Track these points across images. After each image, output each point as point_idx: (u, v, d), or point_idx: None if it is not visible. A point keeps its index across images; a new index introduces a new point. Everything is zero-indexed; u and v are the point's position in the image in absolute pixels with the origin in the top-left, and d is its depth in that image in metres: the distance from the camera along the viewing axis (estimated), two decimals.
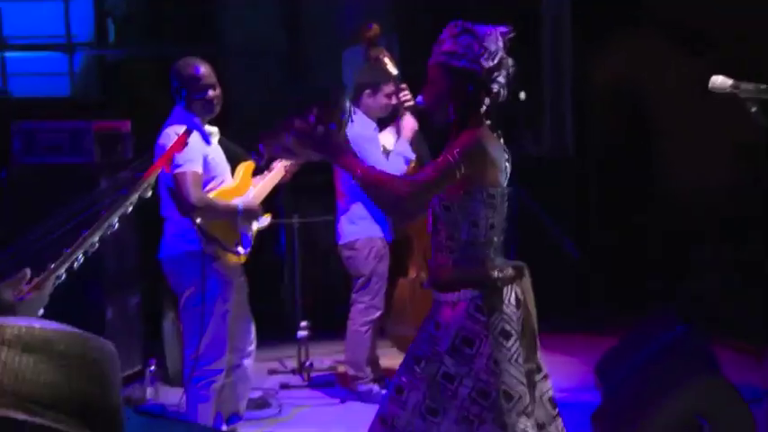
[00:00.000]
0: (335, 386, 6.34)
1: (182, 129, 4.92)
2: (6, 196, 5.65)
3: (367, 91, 5.85)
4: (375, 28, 5.97)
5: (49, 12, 9.60)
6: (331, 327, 6.72)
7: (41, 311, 2.57)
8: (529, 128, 8.05)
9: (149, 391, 6.07)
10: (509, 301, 3.37)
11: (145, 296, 6.28)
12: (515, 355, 3.33)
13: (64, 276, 2.57)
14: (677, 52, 7.49)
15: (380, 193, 3.39)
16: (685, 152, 7.30)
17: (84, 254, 2.63)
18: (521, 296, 3.40)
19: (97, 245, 2.64)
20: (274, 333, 6.89)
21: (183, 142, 3.61)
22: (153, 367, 6.10)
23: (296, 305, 6.82)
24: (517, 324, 3.35)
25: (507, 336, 3.33)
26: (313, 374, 6.54)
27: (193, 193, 4.75)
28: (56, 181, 5.73)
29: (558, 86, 8.16)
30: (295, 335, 6.55)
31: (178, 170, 4.77)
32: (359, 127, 5.57)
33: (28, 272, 2.57)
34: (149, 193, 2.85)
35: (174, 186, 4.81)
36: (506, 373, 3.31)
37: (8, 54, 9.40)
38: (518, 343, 3.34)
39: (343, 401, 6.00)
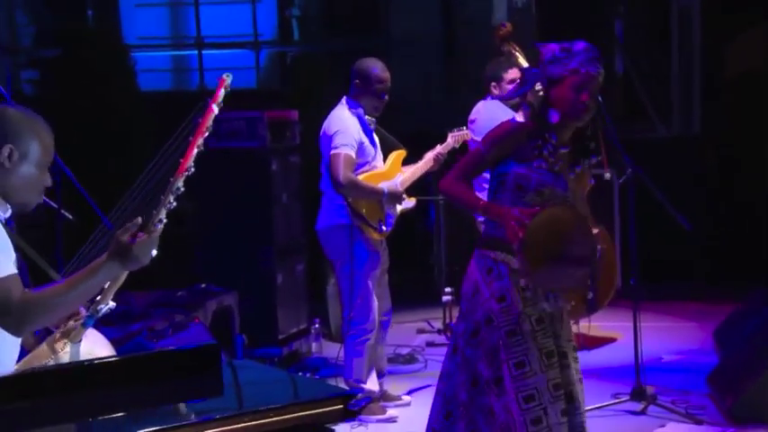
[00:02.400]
0: None
1: (344, 113, 5.06)
2: (195, 175, 5.84)
3: (492, 83, 5.80)
4: (508, 26, 5.90)
5: (239, 14, 9.89)
6: None
7: (154, 252, 2.71)
8: (658, 111, 7.84)
9: (314, 346, 6.23)
10: None
11: (310, 263, 6.40)
12: None
13: (165, 219, 2.72)
14: None
15: None
16: None
17: (175, 198, 2.78)
18: None
19: (182, 188, 2.78)
20: (423, 297, 6.95)
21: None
22: (317, 325, 6.25)
23: (442, 273, 6.85)
24: None
25: None
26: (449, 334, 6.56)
27: (343, 173, 4.85)
28: (234, 162, 5.91)
29: (688, 70, 7.91)
30: (441, 299, 6.58)
31: (334, 151, 4.89)
32: (500, 113, 5.57)
33: (140, 219, 2.72)
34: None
35: (327, 161, 4.92)
36: None
37: (205, 51, 9.72)
38: None
39: None
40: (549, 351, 3.38)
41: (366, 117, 5.09)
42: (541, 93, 3.80)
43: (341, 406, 1.87)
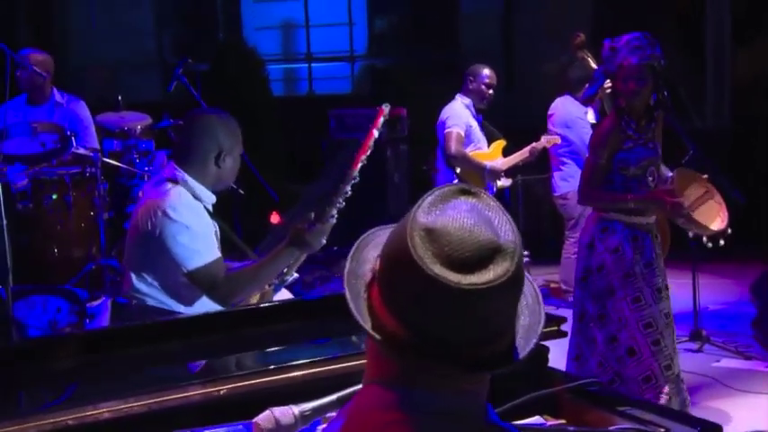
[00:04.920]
0: (550, 297, 6.34)
1: (456, 103, 5.10)
2: (325, 160, 5.93)
3: (566, 83, 5.80)
4: (582, 36, 5.88)
5: (339, 34, 9.93)
6: (544, 254, 6.69)
7: (324, 240, 2.73)
8: (694, 106, 7.71)
9: None
10: None
11: None
12: None
13: (335, 216, 2.79)
14: None
15: None
16: None
17: (344, 198, 2.87)
18: None
19: (349, 192, 2.83)
20: None
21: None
22: None
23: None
24: None
25: None
26: None
27: (454, 147, 4.93)
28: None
29: (720, 72, 7.78)
30: None
31: (447, 130, 4.99)
32: (574, 108, 5.60)
33: (312, 214, 2.83)
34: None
35: (442, 142, 4.99)
36: None
37: (314, 65, 9.81)
38: None
39: (557, 308, 5.98)
40: (659, 287, 3.44)
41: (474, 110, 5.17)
42: (609, 87, 3.84)
43: (556, 327, 1.88)
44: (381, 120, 2.88)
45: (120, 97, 4.97)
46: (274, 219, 6.07)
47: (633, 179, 3.46)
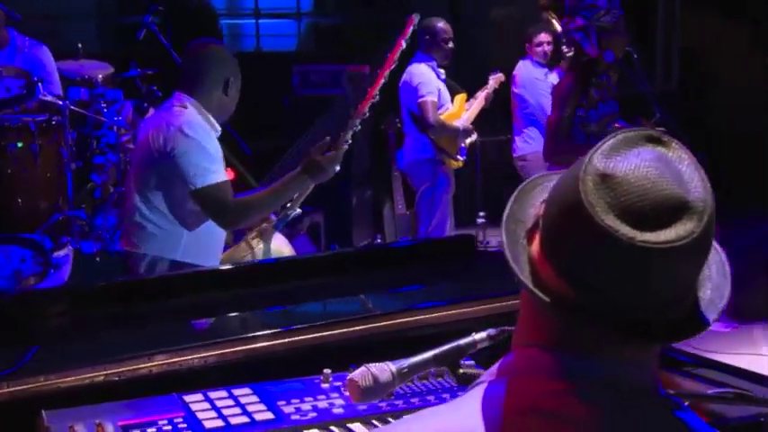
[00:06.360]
0: None
1: (422, 66, 4.95)
2: (288, 116, 5.76)
3: (527, 44, 5.74)
4: None
5: None
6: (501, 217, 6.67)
7: (338, 167, 2.85)
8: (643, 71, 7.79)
9: None
10: None
11: (374, 190, 6.35)
12: None
13: (350, 142, 2.87)
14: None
15: None
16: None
17: (354, 129, 2.91)
18: None
19: (367, 114, 2.95)
20: (463, 219, 6.90)
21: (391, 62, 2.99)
22: (378, 240, 6.16)
23: (476, 200, 6.82)
24: None
25: None
26: (489, 249, 6.54)
27: (432, 116, 4.80)
28: (320, 107, 5.79)
29: (668, 39, 7.89)
30: (475, 221, 6.56)
31: (422, 99, 4.83)
32: (534, 70, 5.56)
33: (328, 139, 2.79)
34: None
35: (417, 111, 4.85)
36: None
37: (261, 21, 9.54)
38: None
39: None
40: None
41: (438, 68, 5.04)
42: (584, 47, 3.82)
43: None
44: (410, 30, 2.78)
45: (80, 45, 4.69)
46: (228, 175, 5.89)
47: (593, 136, 3.45)
